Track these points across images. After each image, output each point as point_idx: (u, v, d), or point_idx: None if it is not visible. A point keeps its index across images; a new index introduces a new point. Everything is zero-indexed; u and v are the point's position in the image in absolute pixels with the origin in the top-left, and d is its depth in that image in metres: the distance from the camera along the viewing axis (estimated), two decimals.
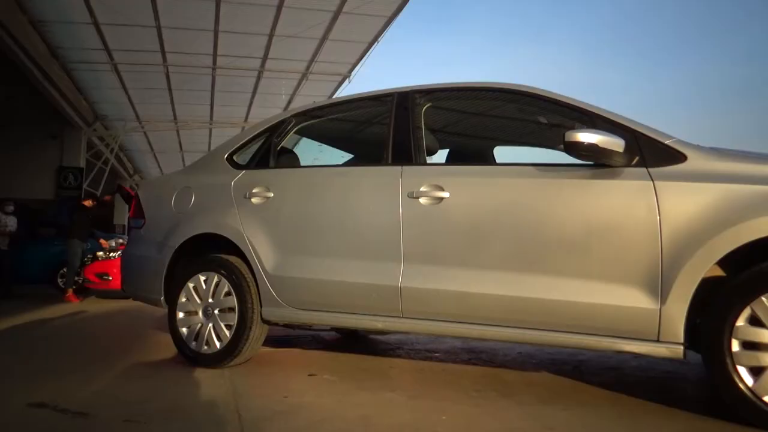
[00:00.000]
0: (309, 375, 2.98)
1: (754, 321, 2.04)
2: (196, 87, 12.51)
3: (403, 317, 2.69)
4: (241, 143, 3.49)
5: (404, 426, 2.16)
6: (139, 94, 13.03)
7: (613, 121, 2.44)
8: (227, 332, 3.07)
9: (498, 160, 3.35)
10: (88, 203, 8.87)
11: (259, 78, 12.14)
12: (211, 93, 12.99)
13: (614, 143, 2.26)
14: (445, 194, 2.63)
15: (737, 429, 2.02)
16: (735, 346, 2.05)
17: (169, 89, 12.58)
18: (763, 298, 2.02)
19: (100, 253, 8.81)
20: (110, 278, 8.17)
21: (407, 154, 2.83)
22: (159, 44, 10.30)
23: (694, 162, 2.25)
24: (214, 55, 10.92)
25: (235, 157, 3.45)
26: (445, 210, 2.62)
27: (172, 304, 3.27)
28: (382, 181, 2.83)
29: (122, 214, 15.18)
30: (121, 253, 4.37)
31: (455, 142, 3.65)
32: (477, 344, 3.84)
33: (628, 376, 2.97)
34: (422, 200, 2.67)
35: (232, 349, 3.05)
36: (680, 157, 2.27)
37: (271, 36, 10.14)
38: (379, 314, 2.76)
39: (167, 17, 9.31)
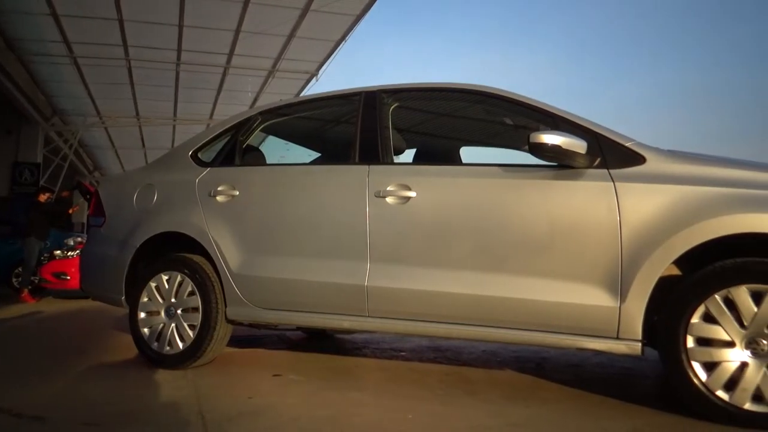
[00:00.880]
0: (274, 375, 2.95)
1: (708, 318, 2.12)
2: (160, 82, 12.24)
3: (369, 316, 2.70)
4: (206, 140, 3.44)
5: (371, 425, 2.17)
6: (99, 89, 12.67)
7: (576, 123, 2.49)
8: (190, 332, 3.03)
9: (464, 161, 3.38)
10: (42, 197, 8.59)
11: (224, 74, 11.96)
12: (175, 89, 12.73)
13: (577, 145, 2.31)
14: (411, 194, 2.64)
15: (692, 423, 2.10)
16: (690, 342, 2.13)
17: (132, 84, 12.28)
18: (717, 296, 2.10)
19: (58, 252, 8.55)
20: (68, 278, 7.93)
21: (374, 153, 2.84)
22: (121, 38, 10.04)
23: (653, 164, 2.32)
24: (179, 50, 10.70)
25: (199, 155, 3.40)
26: (412, 209, 2.64)
27: (134, 304, 3.20)
28: (349, 180, 2.83)
29: (81, 212, 14.75)
30: (80, 251, 4.25)
31: (422, 141, 3.66)
32: (442, 343, 3.88)
33: (588, 372, 3.04)
34: (389, 200, 2.68)
35: (195, 349, 3.00)
36: (639, 159, 2.34)
37: (237, 32, 10.01)
38: (346, 313, 2.75)
39: (130, 10, 9.09)
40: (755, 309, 2.05)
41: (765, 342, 2.04)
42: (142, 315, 3.17)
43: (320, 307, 2.82)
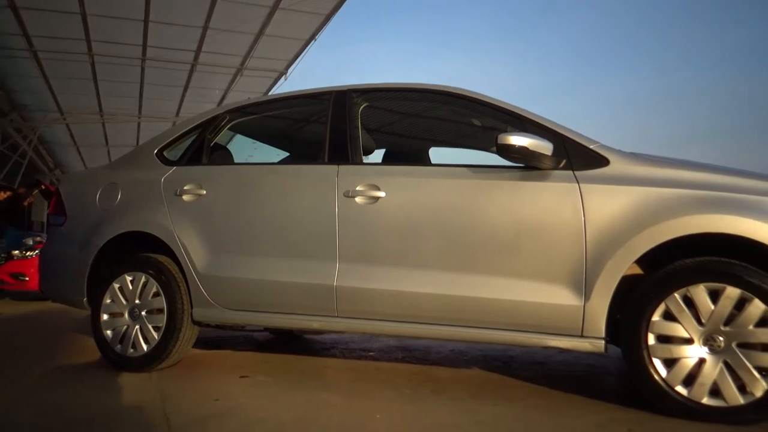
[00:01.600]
0: (241, 377, 2.92)
1: (668, 316, 2.18)
2: (124, 79, 11.95)
3: (338, 317, 2.69)
4: (172, 138, 3.38)
5: (339, 426, 2.16)
6: (61, 84, 12.30)
7: (543, 125, 2.53)
8: (155, 334, 2.97)
9: (433, 161, 3.40)
10: (1, 195, 8.31)
11: (191, 72, 11.76)
12: (140, 85, 12.46)
13: (543, 147, 2.35)
14: (381, 194, 2.65)
15: (652, 417, 2.16)
16: (651, 339, 2.19)
17: (95, 80, 11.96)
18: (676, 295, 2.16)
19: (16, 252, 8.28)
20: (27, 279, 7.68)
21: (344, 153, 2.83)
22: (84, 32, 9.78)
23: (616, 166, 2.37)
24: (144, 46, 10.48)
25: (165, 153, 3.34)
26: (381, 210, 2.64)
27: (96, 306, 3.12)
28: (318, 179, 2.82)
29: (41, 211, 14.33)
30: (40, 252, 4.12)
31: (392, 142, 3.68)
32: (411, 342, 3.89)
33: (553, 370, 3.10)
34: (358, 200, 2.68)
35: (160, 351, 2.94)
36: (603, 161, 2.40)
37: (205, 29, 9.85)
38: (314, 314, 2.74)
39: (93, 4, 8.85)
40: (712, 307, 2.12)
41: (721, 339, 2.11)
42: (105, 317, 3.10)
43: (288, 308, 2.80)
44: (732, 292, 2.10)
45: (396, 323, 2.60)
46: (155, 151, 3.34)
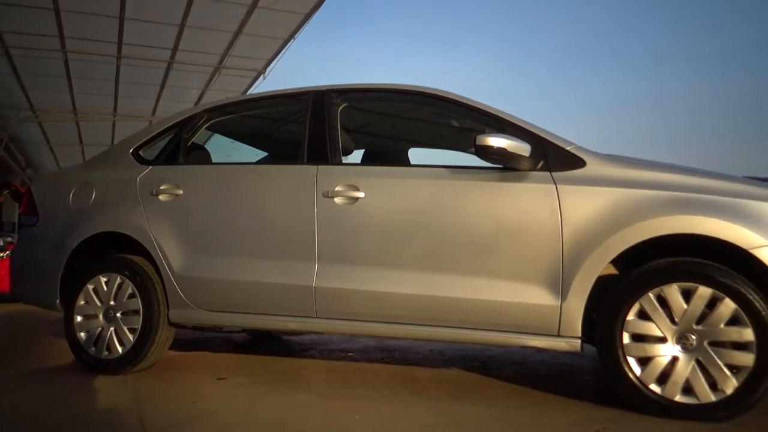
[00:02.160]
0: (219, 378, 2.89)
1: (642, 315, 2.22)
2: (99, 76, 11.75)
3: (317, 317, 2.68)
4: (148, 137, 3.33)
5: (318, 427, 2.16)
6: (33, 82, 12.03)
7: (521, 127, 2.56)
8: (130, 336, 2.92)
9: (412, 162, 3.41)
10: None
11: (168, 70, 11.60)
12: (116, 83, 12.26)
13: (521, 148, 2.38)
14: (360, 194, 2.65)
15: (627, 415, 2.19)
16: (626, 338, 2.23)
17: (68, 77, 11.73)
18: (650, 294, 2.20)
19: None
20: None
21: (323, 153, 2.82)
22: (57, 28, 9.59)
23: (592, 167, 2.41)
24: (119, 43, 10.31)
25: (141, 152, 3.29)
26: (360, 210, 2.64)
27: (69, 308, 3.06)
28: (297, 180, 2.80)
29: (11, 211, 14.01)
30: (11, 252, 4.03)
31: (371, 142, 3.68)
32: (390, 343, 3.90)
33: (531, 369, 3.13)
34: (337, 200, 2.67)
35: (135, 353, 2.90)
36: (580, 163, 2.43)
37: (182, 27, 9.73)
38: (293, 315, 2.73)
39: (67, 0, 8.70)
40: (685, 306, 2.17)
41: (693, 337, 2.15)
42: (79, 319, 3.04)
43: (267, 309, 2.78)
44: (704, 292, 2.14)
45: (375, 324, 2.60)
46: (131, 151, 3.29)
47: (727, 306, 2.11)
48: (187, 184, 3.01)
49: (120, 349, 2.93)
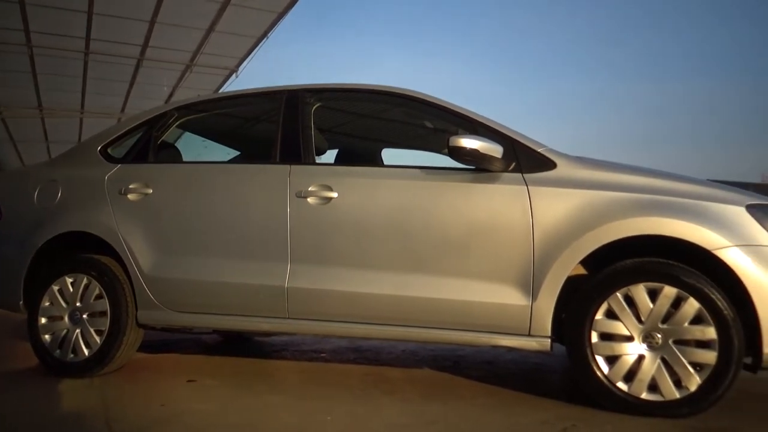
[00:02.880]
0: (189, 381, 2.85)
1: (610, 314, 2.26)
2: (66, 72, 11.48)
3: (289, 318, 2.67)
4: (116, 135, 3.26)
5: (290, 429, 2.14)
6: None
7: (493, 128, 2.58)
8: (97, 338, 2.86)
9: (386, 162, 3.42)
10: None
11: (138, 67, 11.41)
12: (83, 80, 11.99)
13: (494, 149, 2.40)
14: (333, 194, 2.64)
15: (595, 413, 2.23)
16: (594, 337, 2.27)
17: (34, 73, 11.43)
18: (618, 294, 2.25)
19: None
20: None
21: (296, 153, 2.81)
22: (22, 22, 9.33)
23: (563, 169, 2.45)
24: (87, 38, 10.09)
25: (109, 150, 3.22)
26: (334, 210, 2.64)
27: (33, 309, 2.98)
28: (270, 179, 2.78)
29: None
30: None
31: (344, 142, 3.67)
32: (362, 343, 3.89)
33: (502, 369, 3.16)
34: (310, 200, 2.66)
35: (103, 356, 2.84)
36: (551, 165, 2.47)
37: (152, 23, 9.58)
38: (265, 315, 2.71)
39: None
40: (651, 305, 2.22)
41: (659, 336, 2.21)
42: (43, 320, 2.96)
43: (238, 309, 2.75)
44: (669, 291, 2.19)
45: (348, 324, 2.59)
46: (99, 148, 3.22)
47: (691, 305, 2.16)
48: (156, 183, 2.97)
49: (86, 352, 2.87)
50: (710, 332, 2.14)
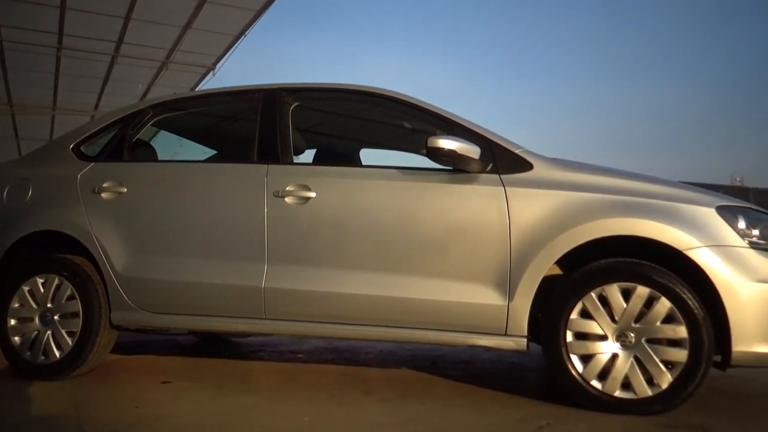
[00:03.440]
0: (163, 382, 2.81)
1: (585, 314, 2.30)
2: (38, 68, 11.22)
3: (266, 319, 2.65)
4: (90, 133, 3.20)
5: (266, 430, 2.13)
6: None
7: (471, 129, 2.60)
8: (69, 340, 2.81)
9: (364, 162, 3.42)
10: None
11: (112, 63, 11.20)
12: (56, 76, 11.74)
13: (471, 150, 2.42)
14: (311, 194, 2.63)
15: (569, 411, 2.26)
16: (569, 336, 2.30)
17: (3, 68, 11.16)
18: (592, 294, 2.28)
19: None
20: None
21: (274, 152, 2.79)
22: None
23: (539, 171, 2.48)
24: (60, 33, 9.88)
25: (82, 148, 3.16)
26: (311, 210, 2.63)
27: (2, 311, 2.91)
28: (247, 179, 2.76)
29: None
30: None
31: (322, 142, 3.66)
32: (340, 343, 3.89)
33: (479, 368, 3.18)
34: (288, 200, 2.65)
35: (75, 358, 2.79)
36: (527, 166, 2.49)
37: (127, 19, 9.42)
38: (241, 316, 2.69)
39: None
40: (624, 305, 2.25)
41: (632, 335, 2.24)
42: (13, 322, 2.89)
43: (214, 310, 2.73)
44: (642, 291, 2.24)
45: (325, 324, 2.59)
46: (71, 146, 3.16)
47: (663, 305, 2.21)
48: (131, 181, 2.92)
49: (57, 354, 2.81)
50: (681, 331, 2.18)
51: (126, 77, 11.95)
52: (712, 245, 2.21)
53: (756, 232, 2.28)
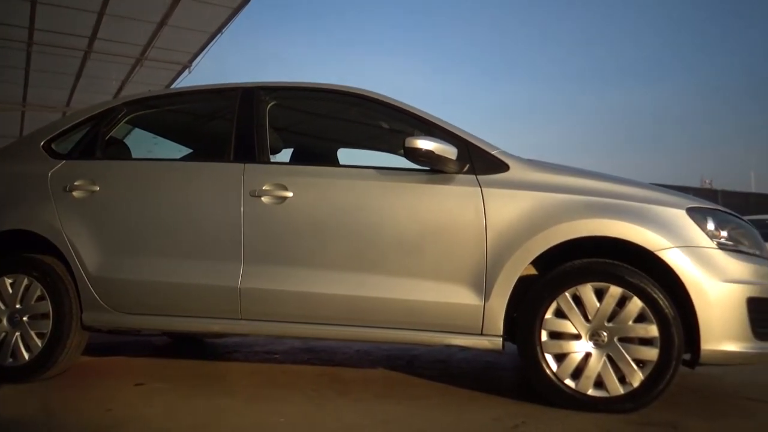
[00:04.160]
0: (137, 384, 2.77)
1: (559, 314, 2.33)
2: (7, 63, 10.94)
3: (242, 319, 2.63)
4: (61, 130, 3.14)
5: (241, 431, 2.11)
6: None
7: (448, 130, 2.62)
8: (38, 341, 2.75)
9: (341, 162, 3.41)
10: None
11: (85, 59, 10.98)
12: (26, 71, 11.45)
13: (448, 151, 2.43)
14: (288, 194, 2.62)
15: (544, 409, 2.29)
16: (544, 336, 2.33)
17: None
18: (567, 294, 2.32)
19: None
20: None
21: (250, 151, 2.77)
22: None
23: (515, 172, 2.50)
24: (31, 28, 9.65)
25: (53, 145, 3.09)
26: (288, 210, 2.61)
27: None
28: (223, 178, 2.73)
29: None
30: None
31: (300, 141, 3.65)
32: (316, 344, 3.87)
33: (455, 368, 3.20)
34: (265, 199, 2.63)
35: (44, 360, 2.73)
36: (504, 167, 2.52)
37: (101, 14, 9.24)
38: (216, 316, 2.66)
39: None
40: (598, 305, 2.29)
41: (605, 334, 2.28)
42: None
43: (189, 311, 2.69)
44: (615, 291, 2.27)
45: (302, 325, 2.58)
46: (42, 143, 3.09)
47: (635, 304, 2.25)
48: (103, 180, 2.87)
49: (26, 356, 2.75)
50: (653, 330, 2.23)
51: (99, 74, 11.72)
52: (682, 246, 2.26)
53: (724, 233, 2.34)
